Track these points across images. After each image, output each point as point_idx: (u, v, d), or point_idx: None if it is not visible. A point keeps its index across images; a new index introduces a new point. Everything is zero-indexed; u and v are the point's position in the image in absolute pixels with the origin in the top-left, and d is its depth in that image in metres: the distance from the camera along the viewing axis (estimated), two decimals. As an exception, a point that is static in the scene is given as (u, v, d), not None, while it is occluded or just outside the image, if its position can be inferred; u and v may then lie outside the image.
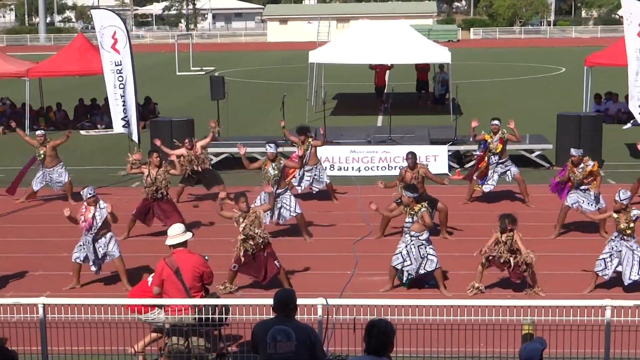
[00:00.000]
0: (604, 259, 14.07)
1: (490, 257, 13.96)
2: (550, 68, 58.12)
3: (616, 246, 14.00)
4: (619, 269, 14.00)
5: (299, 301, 8.96)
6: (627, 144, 27.23)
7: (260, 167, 17.57)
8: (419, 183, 16.87)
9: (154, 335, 11.40)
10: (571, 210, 17.06)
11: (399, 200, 15.42)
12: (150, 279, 11.36)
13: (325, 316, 9.72)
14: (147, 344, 11.37)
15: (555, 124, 25.07)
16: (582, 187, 17.19)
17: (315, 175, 20.30)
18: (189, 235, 11.44)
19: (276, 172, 17.17)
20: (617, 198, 14.07)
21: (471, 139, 21.33)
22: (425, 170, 17.46)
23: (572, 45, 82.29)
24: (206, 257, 11.38)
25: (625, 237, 13.95)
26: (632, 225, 13.93)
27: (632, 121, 29.04)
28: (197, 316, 10.47)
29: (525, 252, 13.76)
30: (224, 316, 10.47)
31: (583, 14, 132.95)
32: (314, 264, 15.92)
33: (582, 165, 17.14)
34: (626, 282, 13.97)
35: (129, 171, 18.60)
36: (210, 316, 10.29)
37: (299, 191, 20.15)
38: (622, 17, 28.60)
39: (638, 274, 13.86)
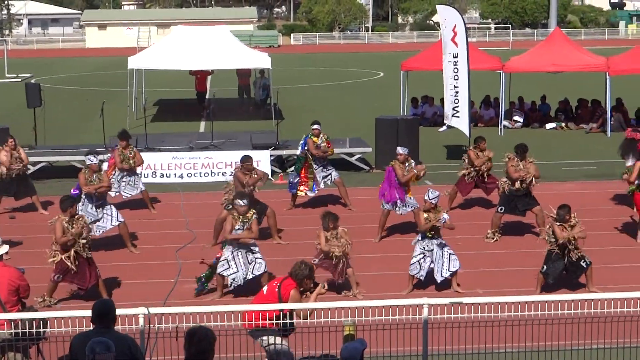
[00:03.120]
0: (417, 260, 14.41)
1: (320, 257, 14.11)
2: (369, 73, 59.31)
3: (427, 246, 14.38)
4: (432, 266, 14.39)
5: (120, 311, 8.81)
6: (444, 146, 28.10)
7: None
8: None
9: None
10: (391, 212, 17.50)
11: (230, 207, 15.34)
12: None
13: (147, 325, 9.58)
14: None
15: (374, 127, 25.58)
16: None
17: (130, 181, 19.92)
18: (5, 248, 11.07)
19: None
20: (426, 197, 14.46)
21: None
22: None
23: (390, 51, 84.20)
24: (22, 270, 11.03)
25: (431, 236, 14.33)
26: (438, 225, 14.31)
27: (446, 124, 29.93)
28: (13, 331, 10.12)
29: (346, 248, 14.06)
30: (41, 330, 10.17)
31: (399, 20, 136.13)
32: (136, 272, 15.69)
33: (407, 163, 17.60)
34: (438, 279, 14.39)
35: None
36: (27, 330, 9.97)
37: (112, 195, 19.50)
38: (437, 23, 29.48)
39: (449, 270, 14.31)
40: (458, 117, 25.83)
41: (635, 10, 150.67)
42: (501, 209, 17.61)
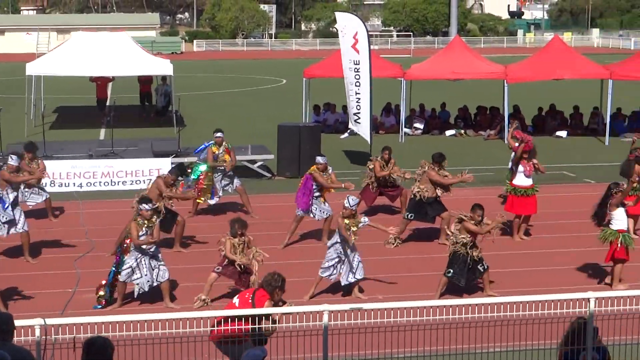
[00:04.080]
0: (333, 264, 14.44)
1: (224, 264, 14.03)
2: (272, 80, 59.36)
3: (342, 249, 14.44)
4: (343, 270, 14.48)
5: (15, 322, 8.63)
6: (346, 153, 28.29)
7: None
8: None
9: None
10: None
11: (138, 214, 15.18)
12: None
13: (44, 337, 9.41)
14: None
15: (276, 134, 25.61)
16: (316, 195, 17.69)
17: (34, 190, 19.61)
18: None
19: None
20: (346, 204, 14.52)
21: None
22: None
23: (293, 58, 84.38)
24: None
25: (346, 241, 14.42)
26: (356, 230, 14.43)
27: (348, 131, 30.17)
28: None
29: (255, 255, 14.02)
30: None
31: (303, 27, 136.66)
32: (33, 283, 15.39)
33: (327, 171, 17.69)
34: (343, 282, 14.48)
35: None
36: None
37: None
38: (338, 29, 29.68)
39: (355, 277, 14.41)
40: (360, 123, 26.04)
41: (533, 19, 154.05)
42: (410, 216, 17.80)
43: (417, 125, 33.92)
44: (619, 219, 15.00)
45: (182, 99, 32.20)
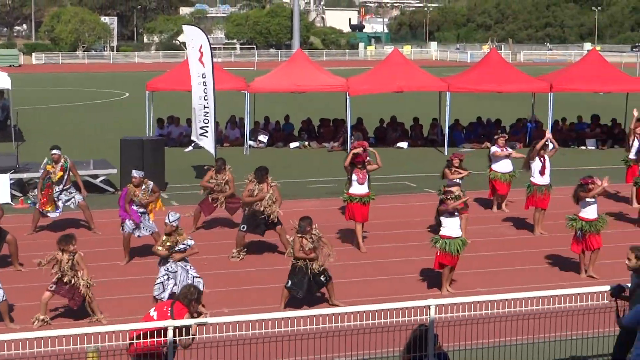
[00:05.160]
0: (162, 282, 14.28)
1: (57, 283, 13.70)
2: (115, 93, 58.52)
3: (171, 267, 14.30)
4: (175, 289, 14.32)
5: None
6: (191, 166, 28.14)
7: None
8: None
9: None
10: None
11: None
12: None
13: None
14: None
15: (119, 148, 25.24)
16: (141, 210, 17.45)
17: None
18: None
19: None
20: (167, 220, 14.35)
21: None
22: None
23: (136, 70, 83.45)
24: None
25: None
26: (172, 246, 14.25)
27: (193, 144, 30.01)
28: None
29: (84, 276, 13.70)
30: None
31: (145, 39, 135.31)
32: None
33: (144, 186, 17.43)
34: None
35: None
36: None
37: None
38: (183, 43, 29.53)
39: None
40: (207, 137, 25.93)
41: (374, 33, 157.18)
42: (244, 228, 17.82)
43: (261, 137, 34.06)
44: None
45: (21, 113, 31.35)
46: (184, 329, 10.08)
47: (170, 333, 9.97)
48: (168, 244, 14.19)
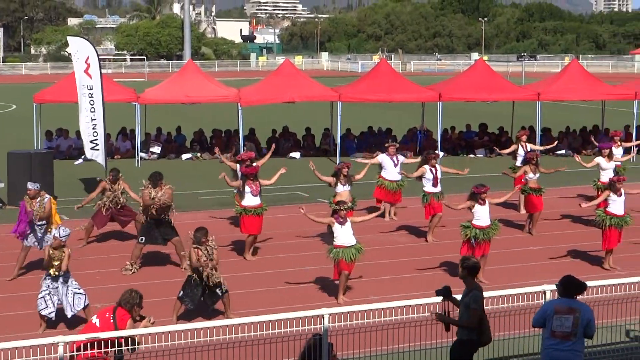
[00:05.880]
0: (43, 297, 14.04)
1: None
2: (1, 105, 57.25)
3: (52, 284, 14.06)
4: (60, 305, 14.10)
5: None
6: (80, 179, 27.68)
7: None
8: None
9: None
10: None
11: None
12: None
13: None
14: None
15: (6, 162, 24.73)
16: (39, 223, 17.10)
17: None
18: None
19: None
20: (55, 233, 14.12)
21: None
22: None
23: (23, 82, 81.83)
24: None
25: (55, 275, 13.99)
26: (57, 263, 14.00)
27: (83, 157, 29.53)
28: None
29: None
30: None
31: (32, 50, 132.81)
32: None
33: (39, 198, 17.05)
34: (69, 314, 14.13)
35: None
36: None
37: None
38: (70, 54, 29.10)
39: (74, 308, 14.06)
40: (98, 150, 25.54)
41: (265, 43, 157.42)
42: (142, 240, 17.65)
43: (153, 149, 33.75)
44: None
45: None
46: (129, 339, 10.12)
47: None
48: (55, 262, 13.94)
